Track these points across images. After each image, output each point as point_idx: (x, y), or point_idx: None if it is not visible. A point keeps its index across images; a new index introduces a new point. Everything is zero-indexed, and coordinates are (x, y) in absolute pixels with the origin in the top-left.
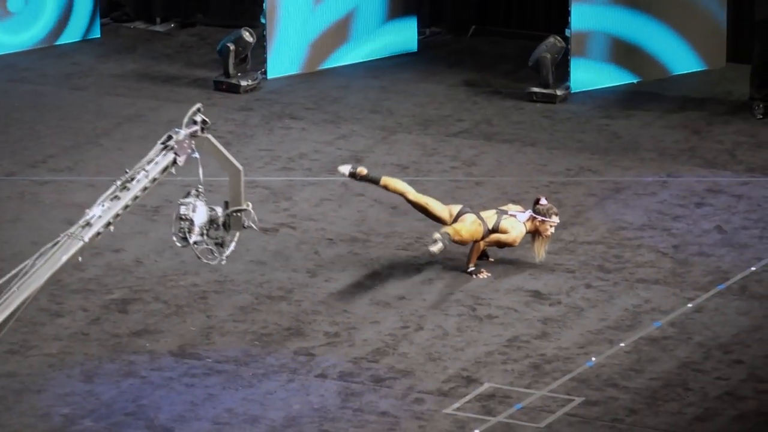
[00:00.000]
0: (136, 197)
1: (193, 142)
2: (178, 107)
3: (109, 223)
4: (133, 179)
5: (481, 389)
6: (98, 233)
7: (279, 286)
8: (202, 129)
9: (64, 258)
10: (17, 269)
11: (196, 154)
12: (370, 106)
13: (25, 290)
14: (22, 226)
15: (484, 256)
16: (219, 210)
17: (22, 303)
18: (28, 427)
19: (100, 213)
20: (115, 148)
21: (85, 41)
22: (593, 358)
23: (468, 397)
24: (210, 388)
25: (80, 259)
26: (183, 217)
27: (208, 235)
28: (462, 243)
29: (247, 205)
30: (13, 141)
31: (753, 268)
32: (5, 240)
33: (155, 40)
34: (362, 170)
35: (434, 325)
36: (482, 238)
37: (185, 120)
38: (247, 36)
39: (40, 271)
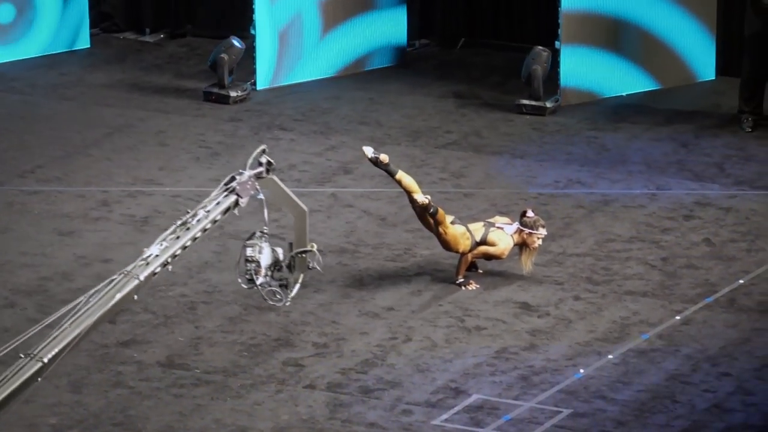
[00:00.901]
0: (195, 238)
1: (257, 183)
2: (168, 118)
3: (166, 263)
4: (193, 219)
5: (469, 401)
6: (154, 273)
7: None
8: (267, 170)
9: (118, 296)
10: (72, 305)
11: (261, 195)
12: (359, 117)
13: (77, 327)
14: (11, 236)
15: (473, 267)
16: (280, 250)
17: (73, 340)
18: None
19: (158, 252)
20: (105, 158)
21: (74, 51)
22: (581, 370)
23: (456, 409)
24: (198, 398)
25: (136, 297)
26: (250, 258)
27: (272, 276)
28: (443, 241)
29: (312, 247)
30: (1, 151)
31: (741, 281)
32: None
33: (145, 51)
34: (384, 158)
35: (423, 337)
36: (470, 251)
37: (250, 161)
38: (236, 43)
39: (94, 308)
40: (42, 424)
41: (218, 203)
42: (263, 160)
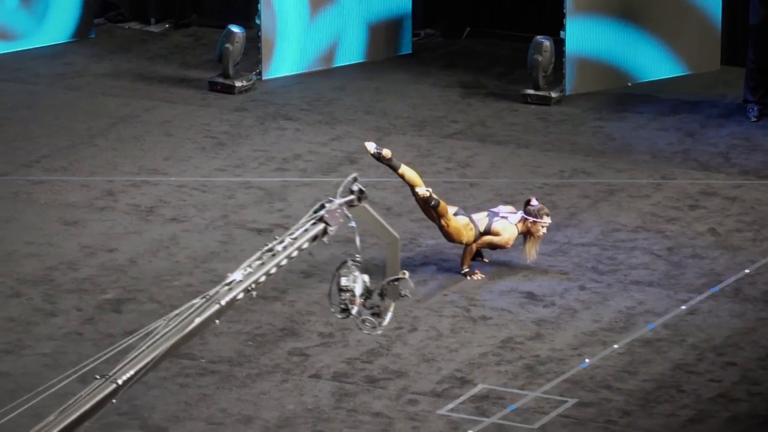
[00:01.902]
0: (280, 264)
1: (347, 210)
2: (173, 107)
3: (249, 289)
4: (279, 245)
5: (474, 390)
6: (236, 298)
7: (273, 287)
8: (359, 198)
9: (198, 320)
10: (150, 327)
11: (353, 223)
12: (365, 107)
13: (154, 350)
14: (16, 226)
15: (478, 255)
16: (367, 277)
17: (149, 363)
18: (22, 427)
19: (241, 277)
20: (110, 148)
21: (79, 41)
22: (587, 360)
23: (462, 398)
24: (204, 388)
25: (218, 322)
26: (345, 288)
27: (364, 305)
28: (446, 234)
29: (404, 274)
30: (6, 141)
31: (746, 271)
32: None
33: (150, 41)
34: (387, 153)
35: (428, 326)
36: (474, 241)
37: (341, 189)
38: (235, 29)
39: (172, 332)
40: (48, 413)
41: (306, 230)
42: (355, 188)
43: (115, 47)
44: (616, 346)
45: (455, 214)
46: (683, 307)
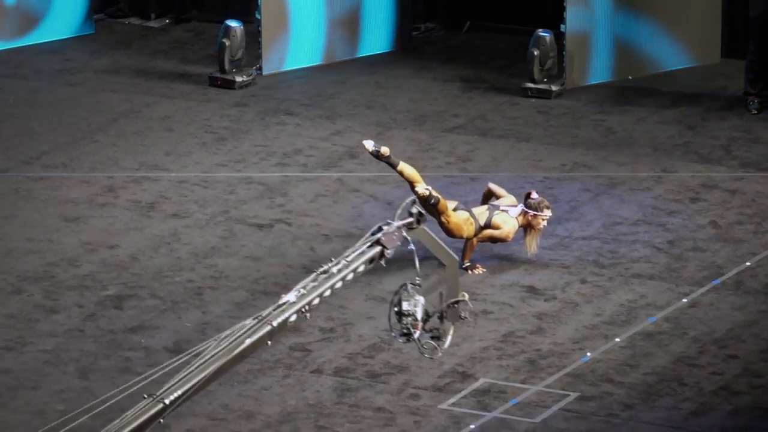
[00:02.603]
0: (334, 287)
1: (404, 233)
2: (173, 103)
3: (301, 311)
4: (334, 268)
5: (476, 384)
6: (288, 320)
7: (274, 282)
8: (418, 221)
9: (248, 341)
10: (200, 347)
11: (412, 246)
12: (365, 101)
13: (203, 370)
14: (17, 222)
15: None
16: (420, 299)
17: (198, 383)
18: (24, 423)
19: (294, 299)
20: (110, 144)
21: (79, 37)
22: (588, 354)
23: (463, 393)
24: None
25: (269, 343)
26: (406, 312)
27: (424, 328)
28: (446, 230)
29: (463, 296)
30: (7, 137)
31: (748, 263)
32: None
33: (150, 36)
34: (386, 151)
35: None
36: (475, 235)
37: (398, 212)
38: (232, 23)
39: (222, 352)
40: (50, 410)
41: (362, 253)
42: (414, 210)
43: (115, 43)
44: (617, 339)
45: (455, 209)
46: (684, 300)
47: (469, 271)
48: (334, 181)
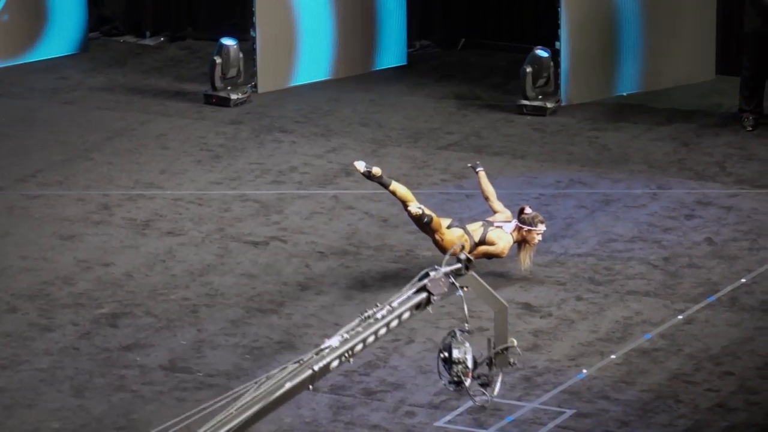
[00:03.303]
0: (378, 334)
1: (452, 280)
2: (168, 121)
3: (343, 357)
4: (378, 313)
5: (472, 402)
6: (329, 366)
7: (270, 300)
8: (466, 267)
9: (288, 385)
10: (241, 389)
11: (460, 292)
12: (360, 119)
13: (242, 413)
14: (12, 240)
15: None
16: (470, 346)
17: (236, 425)
18: None
19: (337, 344)
20: (105, 162)
21: (74, 55)
22: (584, 371)
23: (459, 410)
24: (201, 402)
25: (311, 388)
26: (457, 360)
27: (474, 375)
28: (441, 247)
29: (512, 342)
30: (1, 155)
31: (743, 280)
32: None
33: (145, 54)
34: (377, 171)
35: (425, 338)
36: (470, 252)
37: (446, 258)
38: (227, 42)
39: (262, 395)
40: (45, 428)
41: (407, 299)
42: (462, 256)
43: (110, 61)
44: (613, 356)
45: (449, 226)
46: (680, 317)
47: (465, 288)
48: (330, 199)
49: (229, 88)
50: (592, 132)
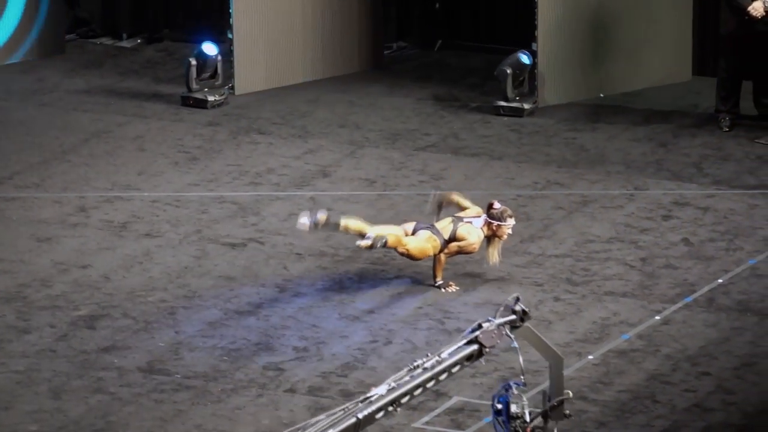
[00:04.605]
0: (426, 385)
1: (506, 331)
2: (146, 122)
3: (389, 406)
4: (428, 363)
5: (450, 403)
6: (374, 415)
7: (247, 301)
8: (522, 319)
9: (331, 431)
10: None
11: (515, 344)
12: (338, 120)
13: None
14: None
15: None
16: (526, 400)
17: None
18: None
19: (384, 392)
20: (83, 163)
21: (50, 57)
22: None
23: (437, 411)
24: (179, 403)
25: None
26: (515, 415)
27: (530, 430)
28: (410, 257)
29: (567, 394)
30: None
31: (720, 281)
32: None
33: (122, 56)
34: (322, 218)
35: (403, 339)
36: (441, 251)
37: (500, 309)
38: (209, 49)
39: None
40: (22, 431)
41: (458, 350)
42: (517, 308)
43: (86, 63)
44: (590, 357)
45: (414, 231)
46: (657, 318)
47: (443, 289)
48: (307, 200)
49: (206, 89)
50: (570, 133)
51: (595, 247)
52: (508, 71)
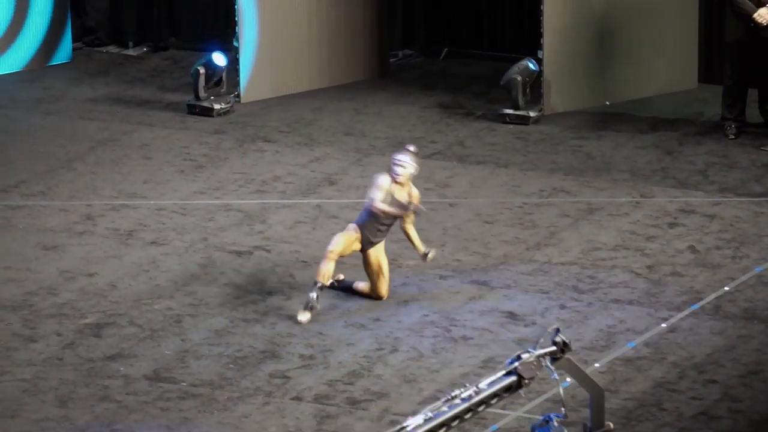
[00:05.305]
0: (463, 416)
1: (546, 363)
2: (152, 131)
3: None
4: (465, 394)
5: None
6: None
7: (254, 309)
8: (562, 351)
9: None
10: None
11: (555, 376)
12: (344, 128)
13: None
14: None
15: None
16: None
17: None
18: None
19: (421, 422)
20: (89, 172)
21: (57, 65)
22: (568, 379)
23: None
24: (185, 411)
25: None
26: None
27: None
28: (367, 263)
29: (609, 426)
30: None
31: (726, 288)
32: None
33: (128, 64)
34: (314, 299)
35: (409, 347)
36: (362, 243)
37: (540, 340)
38: (218, 59)
39: None
40: None
41: (496, 381)
42: (558, 339)
43: (93, 71)
44: (597, 364)
45: (367, 243)
46: (664, 325)
47: (427, 259)
48: (313, 208)
49: (212, 98)
50: (576, 140)
51: (602, 254)
52: (519, 78)
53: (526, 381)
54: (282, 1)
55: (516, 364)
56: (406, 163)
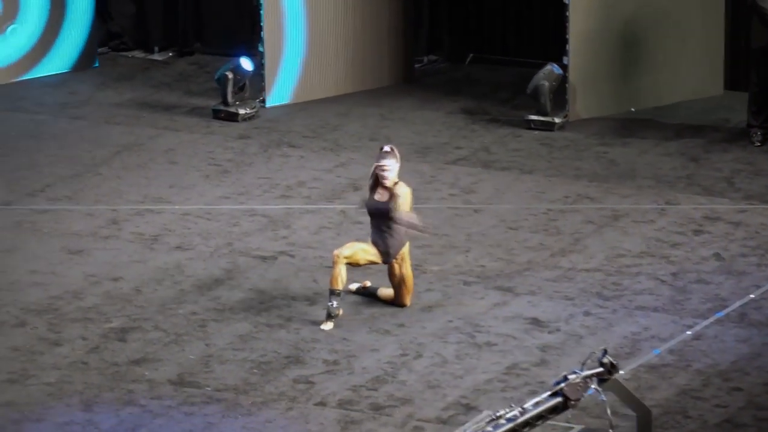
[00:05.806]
0: None
1: (594, 384)
2: (177, 135)
3: None
4: (509, 415)
5: (480, 417)
6: None
7: (278, 314)
8: (610, 372)
9: None
10: None
11: (603, 397)
12: (369, 133)
13: None
14: (21, 255)
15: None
16: None
17: None
18: None
19: None
20: (114, 176)
21: (83, 70)
22: (592, 386)
23: (467, 425)
24: (209, 416)
25: None
26: None
27: None
28: (392, 272)
29: None
30: (10, 170)
31: (752, 296)
32: (2, 269)
33: (153, 69)
34: (336, 310)
35: (433, 353)
36: (384, 258)
37: (586, 361)
38: (246, 64)
39: None
40: None
41: (539, 403)
42: (605, 360)
43: (118, 76)
44: (621, 371)
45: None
46: (688, 333)
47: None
48: (338, 213)
49: (237, 103)
50: (600, 147)
51: (626, 261)
52: (546, 84)
53: (572, 402)
54: (314, 8)
55: (562, 384)
56: (390, 166)
